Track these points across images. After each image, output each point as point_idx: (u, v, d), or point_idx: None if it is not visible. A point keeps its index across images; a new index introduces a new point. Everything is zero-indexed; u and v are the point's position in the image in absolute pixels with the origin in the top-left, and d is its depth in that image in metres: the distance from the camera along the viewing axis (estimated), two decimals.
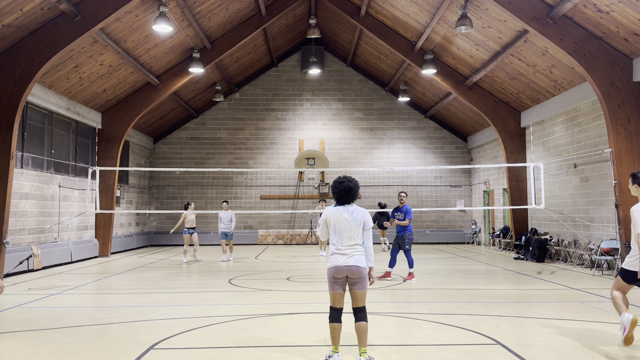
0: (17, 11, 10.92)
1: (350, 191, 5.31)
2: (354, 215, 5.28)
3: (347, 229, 5.24)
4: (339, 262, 5.19)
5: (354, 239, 5.23)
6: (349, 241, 5.22)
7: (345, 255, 5.19)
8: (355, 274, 5.17)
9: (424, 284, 10.95)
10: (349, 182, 5.33)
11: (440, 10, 14.71)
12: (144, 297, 9.56)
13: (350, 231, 5.23)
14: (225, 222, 15.93)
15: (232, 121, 23.99)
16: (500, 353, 5.65)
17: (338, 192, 5.35)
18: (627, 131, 11.80)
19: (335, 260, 5.21)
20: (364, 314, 5.20)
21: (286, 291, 10.13)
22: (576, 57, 12.02)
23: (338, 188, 5.35)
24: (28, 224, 13.67)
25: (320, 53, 23.17)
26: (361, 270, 5.18)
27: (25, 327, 7.03)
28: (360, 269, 5.18)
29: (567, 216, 14.94)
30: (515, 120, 18.11)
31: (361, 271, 5.18)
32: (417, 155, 24.02)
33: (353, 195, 5.34)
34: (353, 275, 5.18)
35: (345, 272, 5.19)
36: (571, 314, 7.73)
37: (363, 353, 5.13)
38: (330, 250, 5.34)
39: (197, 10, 15.30)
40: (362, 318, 5.17)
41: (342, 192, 5.33)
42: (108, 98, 17.06)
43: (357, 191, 5.37)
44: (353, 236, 5.23)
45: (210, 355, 5.67)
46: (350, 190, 5.31)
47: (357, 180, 5.44)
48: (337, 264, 5.20)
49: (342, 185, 5.32)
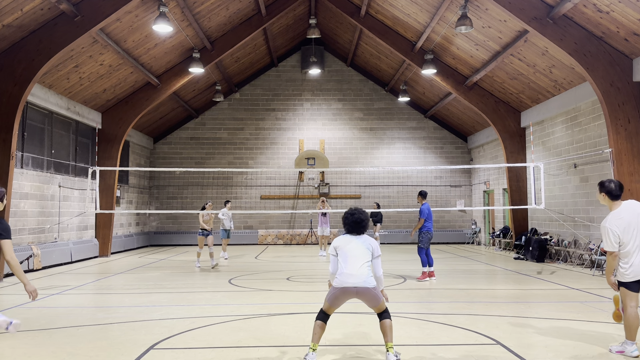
0: (17, 11, 10.92)
1: (361, 223, 5.40)
2: (363, 240, 5.36)
3: (356, 253, 5.27)
4: (347, 282, 5.20)
5: (363, 264, 5.24)
6: (358, 263, 5.23)
7: (353, 275, 5.19)
8: (365, 295, 5.21)
9: (424, 284, 10.95)
10: (360, 214, 5.43)
11: (440, 10, 14.71)
12: (144, 297, 9.56)
13: (359, 255, 5.26)
14: (228, 221, 16.24)
15: (232, 121, 23.99)
16: (500, 353, 5.65)
17: (350, 223, 5.43)
18: (627, 131, 11.80)
19: (344, 281, 5.21)
20: (386, 314, 5.33)
21: (286, 291, 10.13)
22: (576, 57, 12.02)
23: (350, 220, 5.43)
24: (28, 224, 13.67)
25: (320, 53, 23.17)
26: (370, 290, 5.20)
27: (25, 327, 7.03)
28: (369, 289, 5.19)
29: (567, 216, 14.94)
30: (515, 120, 18.11)
31: (370, 291, 5.20)
32: (417, 155, 24.02)
33: (364, 227, 5.42)
34: (362, 298, 5.24)
35: (352, 294, 5.22)
36: (571, 314, 7.73)
37: (390, 348, 5.24)
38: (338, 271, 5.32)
39: (197, 10, 15.29)
40: (384, 317, 5.31)
41: (353, 224, 5.41)
42: (108, 98, 17.06)
43: (367, 223, 5.46)
44: (362, 260, 5.25)
45: (210, 355, 5.67)
46: (361, 222, 5.40)
47: (367, 213, 5.55)
48: (344, 285, 5.20)
49: (354, 217, 5.42)
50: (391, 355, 5.18)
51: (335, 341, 6.18)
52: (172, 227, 23.54)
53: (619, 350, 5.54)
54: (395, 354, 5.26)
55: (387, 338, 5.28)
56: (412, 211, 22.86)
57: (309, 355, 5.20)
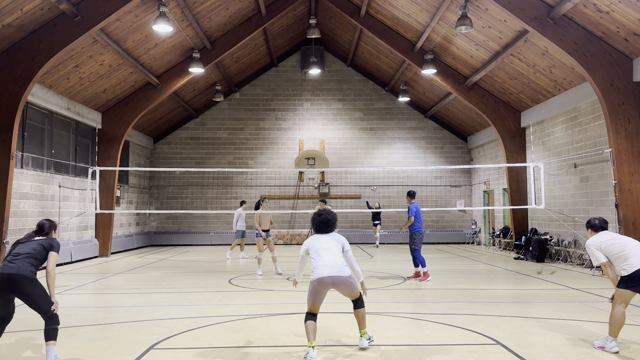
0: (17, 11, 10.92)
1: (327, 222, 5.79)
2: (331, 236, 5.75)
3: (327, 247, 5.62)
4: (322, 272, 5.48)
5: (335, 255, 5.57)
6: (331, 255, 5.56)
7: (327, 266, 5.49)
8: (341, 284, 5.53)
9: (424, 284, 10.95)
10: (327, 214, 5.83)
11: (440, 10, 14.71)
12: (144, 297, 9.56)
13: (329, 248, 5.61)
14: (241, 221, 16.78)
15: (232, 121, 23.99)
16: (500, 353, 5.65)
17: (317, 223, 5.82)
18: (627, 131, 11.80)
19: (319, 272, 5.49)
20: (360, 302, 5.74)
21: (286, 291, 10.13)
22: (576, 57, 12.02)
23: (317, 220, 5.82)
24: (28, 224, 13.67)
25: (320, 53, 23.17)
26: (345, 278, 5.52)
27: (26, 327, 7.03)
28: (343, 278, 5.51)
29: (567, 216, 14.94)
30: (515, 120, 18.11)
31: (345, 279, 5.53)
32: (417, 155, 24.02)
33: (331, 227, 5.80)
34: (338, 287, 5.56)
35: (329, 284, 5.50)
36: (571, 314, 7.73)
37: (364, 334, 5.80)
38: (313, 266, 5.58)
39: (197, 10, 15.30)
40: (359, 306, 5.74)
41: (320, 224, 5.80)
42: (108, 98, 17.06)
43: (334, 223, 5.83)
44: (334, 253, 5.58)
45: (210, 355, 5.67)
46: (327, 222, 5.79)
47: (335, 214, 5.93)
48: (320, 275, 5.48)
49: (321, 217, 5.81)
50: (364, 340, 5.76)
51: (335, 342, 6.18)
52: (172, 227, 23.54)
53: (600, 346, 5.81)
54: (369, 338, 5.84)
55: (360, 325, 5.77)
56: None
57: (310, 353, 5.30)
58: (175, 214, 23.17)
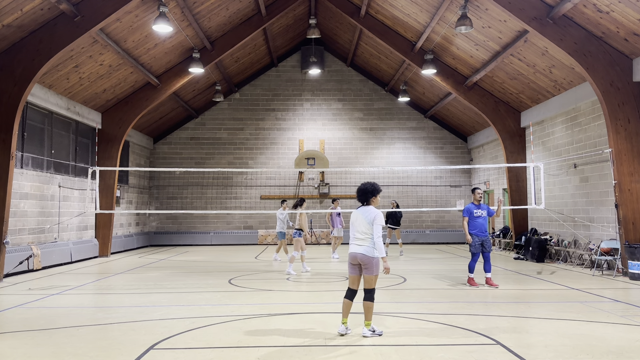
0: (17, 11, 10.92)
1: (361, 190, 6.56)
2: (366, 214, 6.40)
3: (359, 224, 6.40)
4: (352, 249, 6.43)
5: (364, 233, 6.34)
6: (360, 234, 6.37)
7: (354, 245, 6.41)
8: (363, 260, 6.30)
9: (424, 284, 10.95)
10: (365, 183, 6.63)
11: (440, 10, 14.71)
12: (144, 297, 9.56)
13: (361, 226, 6.37)
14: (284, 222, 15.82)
15: (232, 121, 23.99)
16: (500, 353, 5.65)
17: (357, 192, 6.64)
18: (627, 131, 11.81)
19: (350, 247, 6.48)
20: (370, 296, 6.28)
21: (286, 291, 10.13)
22: (576, 57, 12.02)
23: (358, 189, 6.63)
24: (28, 224, 13.67)
25: (320, 53, 23.16)
26: (368, 258, 6.27)
27: (25, 327, 7.03)
28: (366, 257, 6.28)
29: (567, 216, 14.94)
30: (515, 120, 18.11)
31: (368, 259, 6.27)
32: (417, 155, 24.02)
33: (365, 195, 6.52)
34: (361, 262, 6.32)
35: (356, 260, 6.37)
36: (571, 314, 7.73)
37: (367, 324, 6.33)
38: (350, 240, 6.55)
39: (197, 10, 15.29)
40: (368, 298, 6.28)
41: (357, 192, 6.63)
42: (108, 98, 17.06)
43: (369, 192, 6.52)
44: (364, 231, 6.35)
45: (210, 355, 5.67)
46: (361, 190, 6.56)
47: (373, 184, 6.63)
48: (350, 251, 6.45)
49: (359, 187, 6.62)
50: (366, 330, 6.29)
51: (335, 342, 6.18)
52: (172, 227, 23.54)
53: None
54: (371, 329, 6.29)
55: (365, 317, 6.32)
56: (413, 211, 22.88)
57: (340, 328, 6.35)
58: (175, 214, 23.17)
